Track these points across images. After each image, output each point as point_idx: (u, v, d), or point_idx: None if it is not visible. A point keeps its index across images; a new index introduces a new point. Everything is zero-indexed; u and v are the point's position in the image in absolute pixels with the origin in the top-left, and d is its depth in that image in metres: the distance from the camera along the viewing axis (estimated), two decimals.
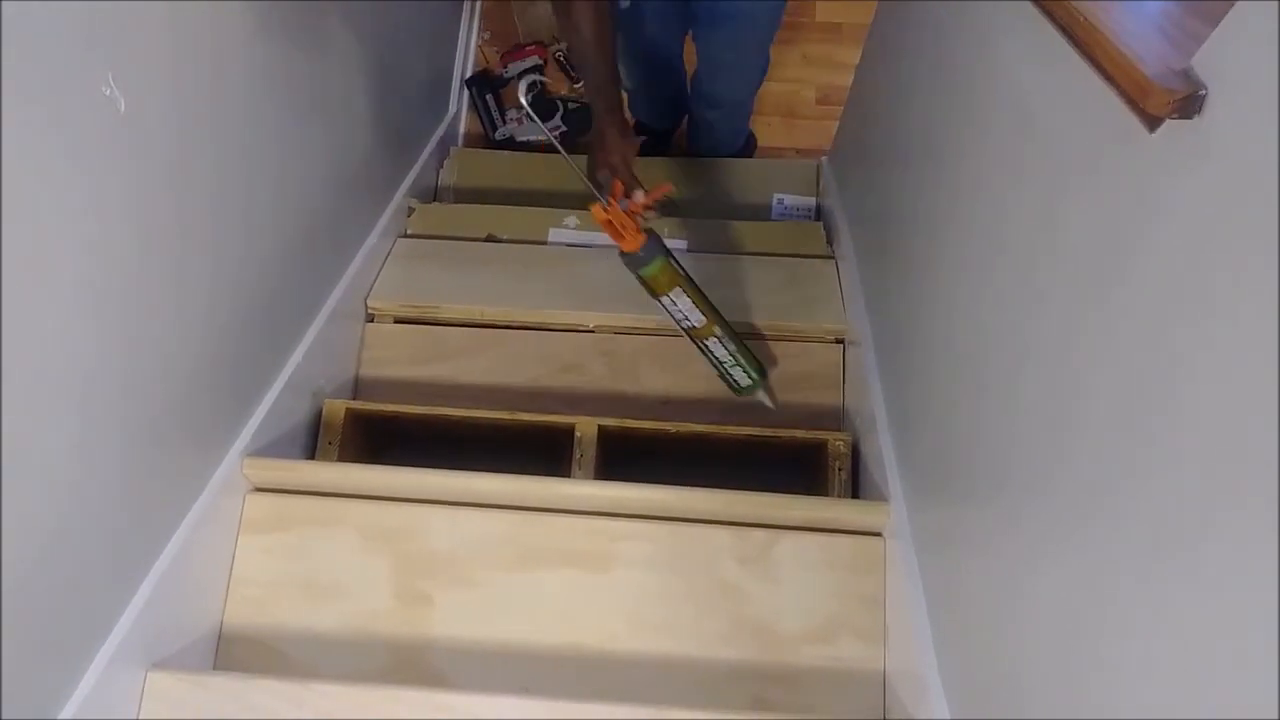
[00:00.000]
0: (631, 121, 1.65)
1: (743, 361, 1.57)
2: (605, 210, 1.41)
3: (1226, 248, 0.55)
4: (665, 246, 1.47)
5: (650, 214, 1.51)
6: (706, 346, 1.55)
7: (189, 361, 1.12)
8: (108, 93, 0.89)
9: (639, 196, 1.48)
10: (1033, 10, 0.87)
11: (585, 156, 1.58)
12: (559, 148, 1.50)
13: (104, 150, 0.89)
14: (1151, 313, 0.64)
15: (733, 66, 2.06)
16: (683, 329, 1.54)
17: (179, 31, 1.00)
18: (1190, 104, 0.56)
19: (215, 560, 1.24)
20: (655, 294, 1.50)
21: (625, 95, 1.53)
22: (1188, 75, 0.57)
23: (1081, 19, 0.70)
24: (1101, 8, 0.75)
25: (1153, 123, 0.60)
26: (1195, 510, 0.57)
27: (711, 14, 1.89)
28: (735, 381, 1.60)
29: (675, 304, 1.50)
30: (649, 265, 1.45)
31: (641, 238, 1.43)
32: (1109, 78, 0.66)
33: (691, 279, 1.51)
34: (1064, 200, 0.81)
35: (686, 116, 2.39)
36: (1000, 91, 1.03)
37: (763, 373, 1.61)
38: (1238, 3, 0.54)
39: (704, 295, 1.52)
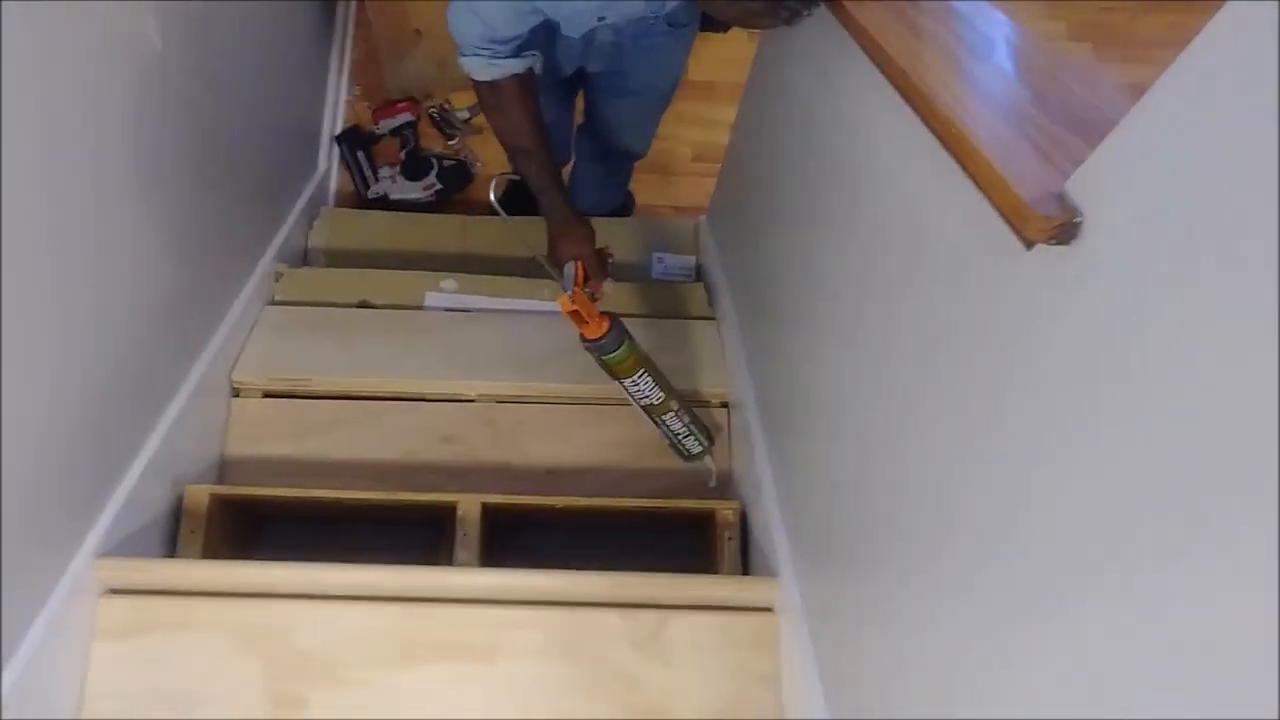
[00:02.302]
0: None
1: (695, 431, 1.58)
2: (572, 300, 1.38)
3: (1098, 373, 0.57)
4: (626, 330, 1.45)
5: (609, 288, 1.53)
6: (663, 420, 1.55)
7: (28, 456, 1.02)
8: None
9: (608, 286, 1.50)
10: (905, 109, 0.88)
11: (540, 239, 1.55)
12: (535, 252, 1.48)
13: None
14: (1030, 416, 0.65)
15: (632, 127, 2.06)
16: (639, 405, 1.53)
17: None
18: (1066, 231, 0.57)
19: (65, 673, 1.14)
20: (617, 377, 1.48)
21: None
22: (1063, 200, 0.58)
23: (953, 128, 0.72)
24: (965, 107, 0.78)
25: (1029, 243, 0.61)
26: (1058, 584, 0.61)
27: (616, 88, 1.85)
28: (687, 450, 1.60)
29: (637, 384, 1.49)
30: (615, 351, 1.43)
31: (605, 323, 1.41)
32: (986, 194, 0.67)
33: (648, 357, 1.50)
34: (946, 296, 0.83)
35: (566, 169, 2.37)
36: (876, 180, 1.05)
37: (711, 439, 1.62)
38: (1111, 134, 0.55)
39: (659, 371, 1.51)
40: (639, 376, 1.48)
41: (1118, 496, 0.55)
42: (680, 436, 1.58)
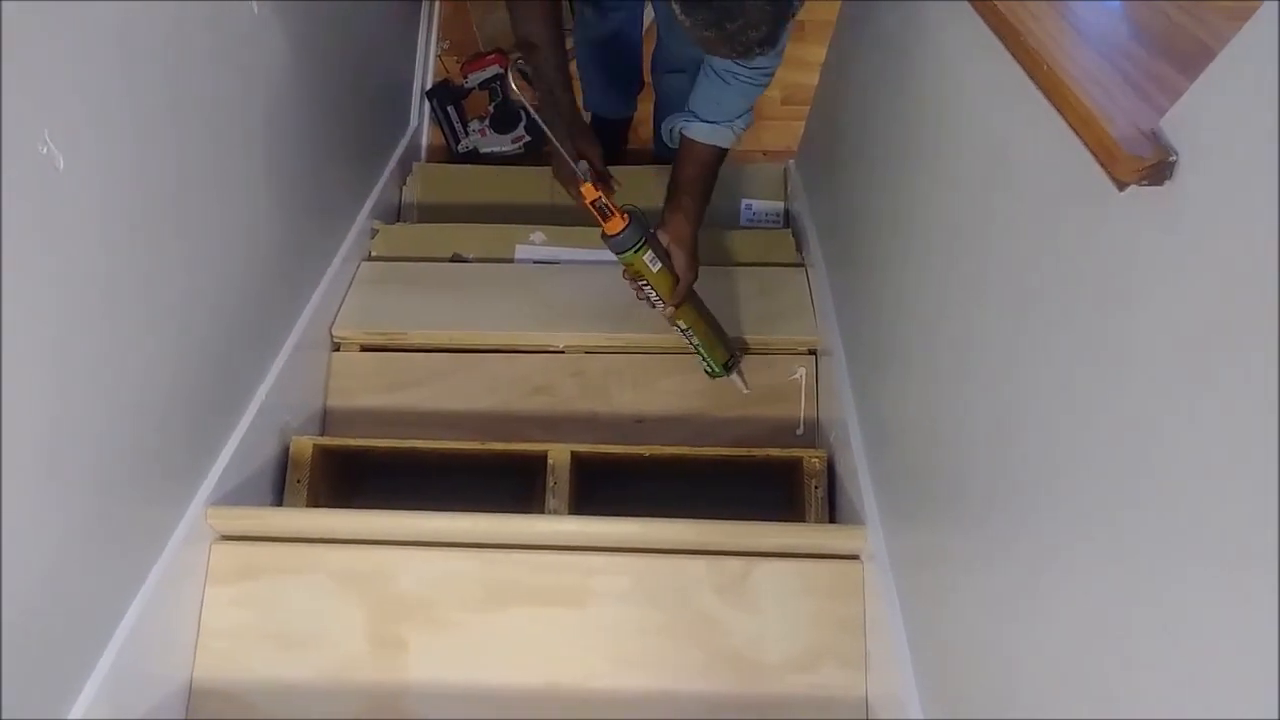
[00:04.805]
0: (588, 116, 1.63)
1: (704, 354, 1.59)
2: (595, 188, 1.36)
3: (1193, 321, 0.54)
4: (647, 232, 1.43)
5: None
6: (683, 332, 1.56)
7: (144, 415, 1.08)
8: (44, 151, 0.86)
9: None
10: (995, 43, 0.85)
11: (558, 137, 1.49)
12: (539, 120, 1.38)
13: (46, 208, 0.86)
14: (1126, 356, 0.62)
15: None
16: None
17: (109, 79, 0.96)
18: (1159, 171, 0.54)
19: (183, 614, 1.21)
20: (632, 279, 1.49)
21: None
22: (1157, 139, 0.55)
23: (1044, 65, 0.69)
24: (1057, 43, 0.74)
25: (1121, 184, 0.58)
26: (1182, 541, 0.55)
27: None
28: (706, 368, 1.62)
29: (645, 292, 1.49)
30: (626, 252, 1.42)
31: (624, 219, 1.40)
32: (1075, 130, 0.64)
33: (666, 269, 1.47)
34: (1039, 237, 0.80)
35: (642, 112, 2.35)
36: (964, 118, 1.02)
37: (728, 366, 1.62)
38: (1212, 64, 0.52)
39: (668, 282, 1.48)
40: (644, 285, 1.48)
41: (1232, 454, 0.51)
42: (699, 354, 1.59)
